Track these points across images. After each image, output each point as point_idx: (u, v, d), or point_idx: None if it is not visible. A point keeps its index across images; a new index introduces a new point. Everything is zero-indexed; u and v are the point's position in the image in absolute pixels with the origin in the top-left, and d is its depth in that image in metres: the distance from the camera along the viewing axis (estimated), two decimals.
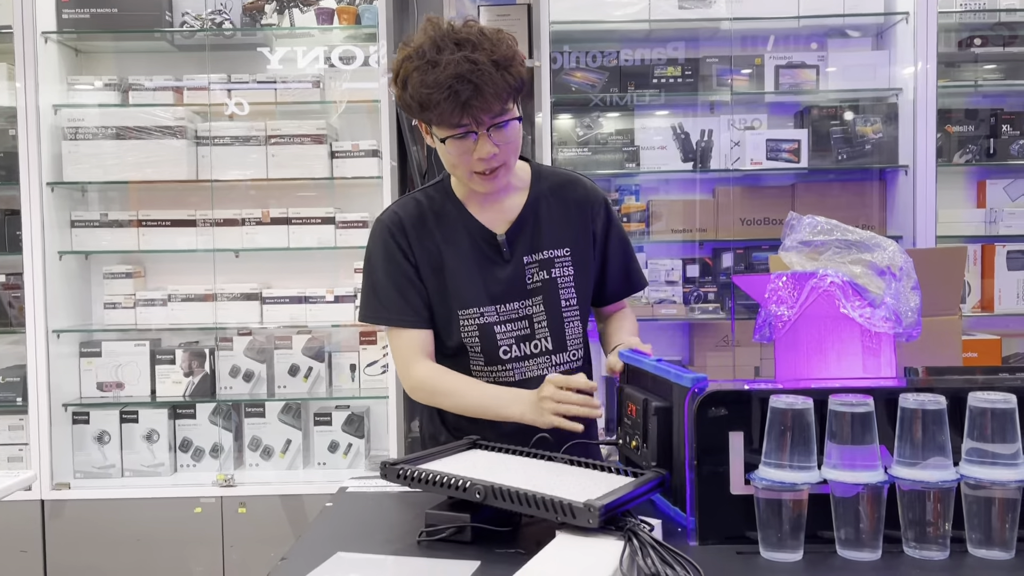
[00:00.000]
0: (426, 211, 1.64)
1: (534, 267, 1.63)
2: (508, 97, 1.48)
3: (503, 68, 1.45)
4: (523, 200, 1.65)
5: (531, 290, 1.63)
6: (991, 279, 3.18)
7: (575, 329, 1.67)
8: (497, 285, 1.62)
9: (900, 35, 3.15)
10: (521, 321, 1.63)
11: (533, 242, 1.64)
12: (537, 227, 1.64)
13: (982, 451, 1.08)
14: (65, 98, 3.18)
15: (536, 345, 1.64)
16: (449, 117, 1.45)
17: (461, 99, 1.42)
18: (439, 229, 1.63)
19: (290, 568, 1.12)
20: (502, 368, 1.63)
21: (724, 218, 3.27)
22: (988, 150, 3.22)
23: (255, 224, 3.19)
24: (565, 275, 1.65)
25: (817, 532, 1.13)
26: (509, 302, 1.62)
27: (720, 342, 3.28)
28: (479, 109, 1.44)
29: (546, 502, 1.10)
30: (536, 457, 1.39)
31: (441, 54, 1.43)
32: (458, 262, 1.62)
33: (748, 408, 1.16)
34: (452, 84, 1.41)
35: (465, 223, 1.63)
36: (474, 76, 1.42)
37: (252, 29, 3.21)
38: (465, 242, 1.62)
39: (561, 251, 1.65)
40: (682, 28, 3.24)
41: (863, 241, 1.40)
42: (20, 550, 3.02)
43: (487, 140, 1.48)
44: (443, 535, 1.20)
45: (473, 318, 1.61)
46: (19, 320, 3.12)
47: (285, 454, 3.22)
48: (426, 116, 1.49)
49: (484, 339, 1.62)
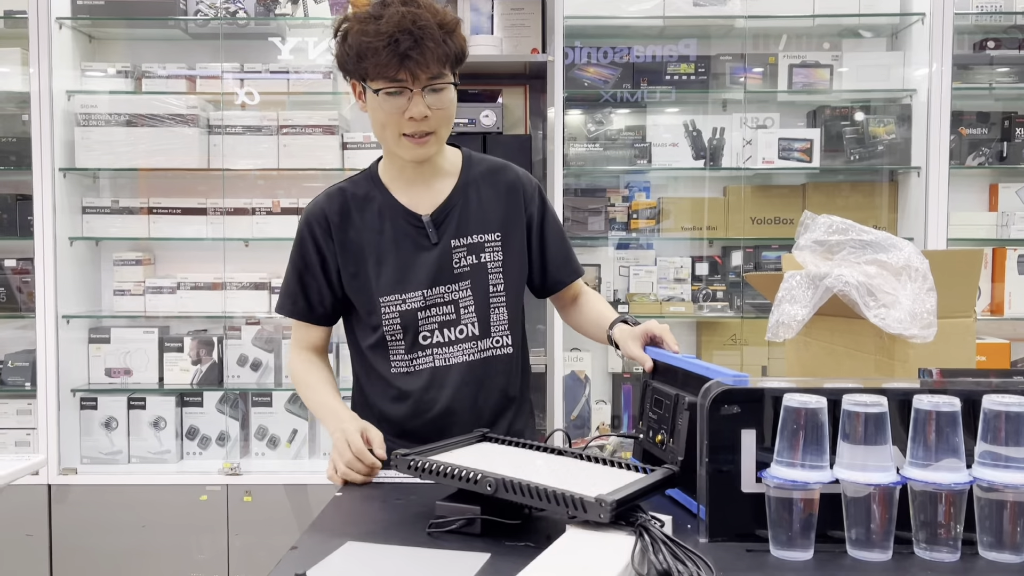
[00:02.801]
0: (350, 199, 1.62)
1: (462, 251, 1.61)
2: (447, 62, 1.48)
3: (446, 31, 1.46)
4: (452, 184, 1.63)
5: (458, 274, 1.60)
6: (1002, 283, 3.17)
7: (501, 315, 1.63)
8: (422, 269, 1.59)
9: (915, 36, 3.14)
10: (447, 306, 1.60)
11: (461, 226, 1.61)
12: (466, 210, 1.62)
13: (995, 454, 1.08)
14: (78, 84, 3.19)
15: (462, 331, 1.61)
16: (386, 68, 1.44)
17: (400, 49, 1.42)
18: (363, 216, 1.61)
19: (300, 557, 1.12)
20: (422, 354, 1.61)
21: (734, 216, 3.26)
22: (1001, 153, 3.20)
23: (265, 214, 3.20)
24: (494, 260, 1.62)
25: (828, 532, 1.12)
26: (435, 287, 1.59)
27: (728, 341, 3.28)
28: (417, 64, 1.43)
29: (557, 496, 1.10)
30: (546, 451, 1.39)
31: (386, 9, 1.44)
32: (381, 248, 1.59)
33: (761, 406, 1.16)
34: (394, 33, 1.42)
35: (390, 208, 1.61)
36: (416, 30, 1.42)
37: (266, 18, 3.21)
38: (389, 227, 1.60)
39: (491, 235, 1.62)
40: (696, 25, 3.23)
41: (878, 241, 1.40)
42: (26, 534, 3.04)
43: (420, 100, 1.47)
44: (453, 527, 1.20)
45: (394, 304, 1.59)
46: (28, 305, 3.13)
47: (291, 444, 3.23)
48: (362, 67, 1.47)
49: (405, 326, 1.59)
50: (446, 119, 1.54)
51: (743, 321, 3.22)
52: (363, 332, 1.65)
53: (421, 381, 1.61)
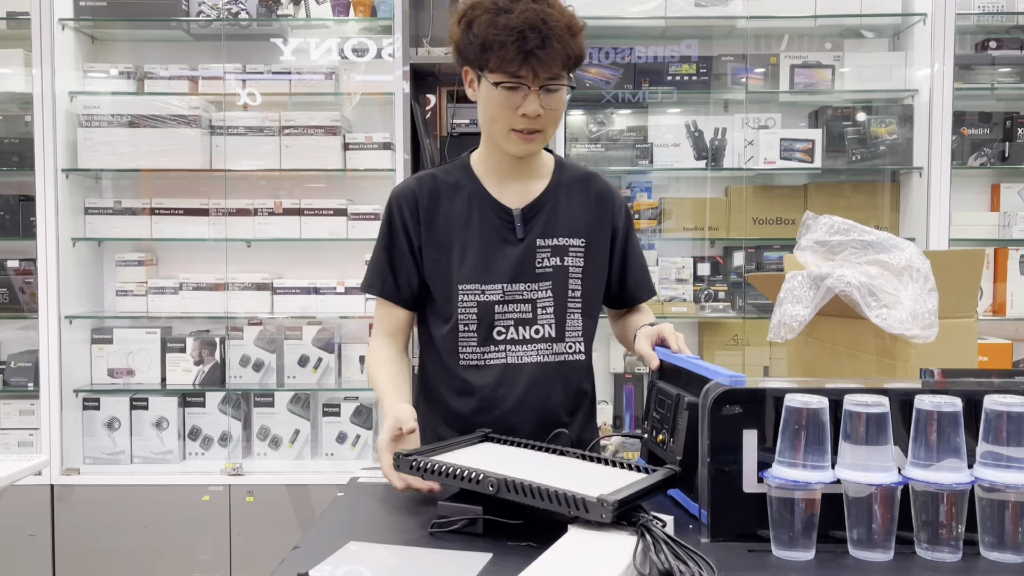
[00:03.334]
0: (441, 185, 1.62)
1: (546, 251, 1.60)
2: (567, 63, 1.47)
3: (572, 32, 1.46)
4: (544, 185, 1.63)
5: (540, 274, 1.59)
6: (1003, 283, 3.17)
7: (576, 321, 1.62)
8: (505, 262, 1.58)
9: (917, 36, 3.13)
10: (524, 304, 1.59)
11: (548, 226, 1.60)
12: (555, 211, 1.62)
13: (997, 454, 1.08)
14: (81, 85, 3.19)
15: (537, 331, 1.60)
16: (509, 63, 1.44)
17: (527, 46, 1.42)
18: (453, 204, 1.60)
19: (303, 557, 1.12)
20: (494, 349, 1.59)
21: (736, 217, 3.26)
22: (1003, 153, 3.20)
23: (267, 214, 3.20)
24: (576, 265, 1.62)
25: (829, 532, 1.13)
26: (515, 283, 1.58)
27: (729, 341, 3.28)
28: (540, 62, 1.43)
29: (559, 496, 1.10)
30: (548, 451, 1.39)
31: (516, 3, 1.45)
32: (467, 237, 1.59)
33: (762, 406, 1.16)
34: (523, 29, 1.42)
35: (480, 198, 1.60)
36: (545, 28, 1.42)
37: (268, 19, 3.22)
38: (477, 217, 1.59)
39: (577, 240, 1.62)
40: (698, 26, 3.23)
41: (880, 242, 1.40)
42: (29, 534, 3.04)
43: (536, 98, 1.47)
44: (455, 527, 1.20)
45: (473, 294, 1.58)
46: (31, 306, 3.14)
47: (293, 444, 3.23)
48: (484, 58, 1.47)
49: (481, 317, 1.58)
50: (555, 119, 1.54)
51: (745, 321, 3.22)
52: (436, 322, 1.63)
53: (491, 377, 1.59)
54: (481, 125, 1.58)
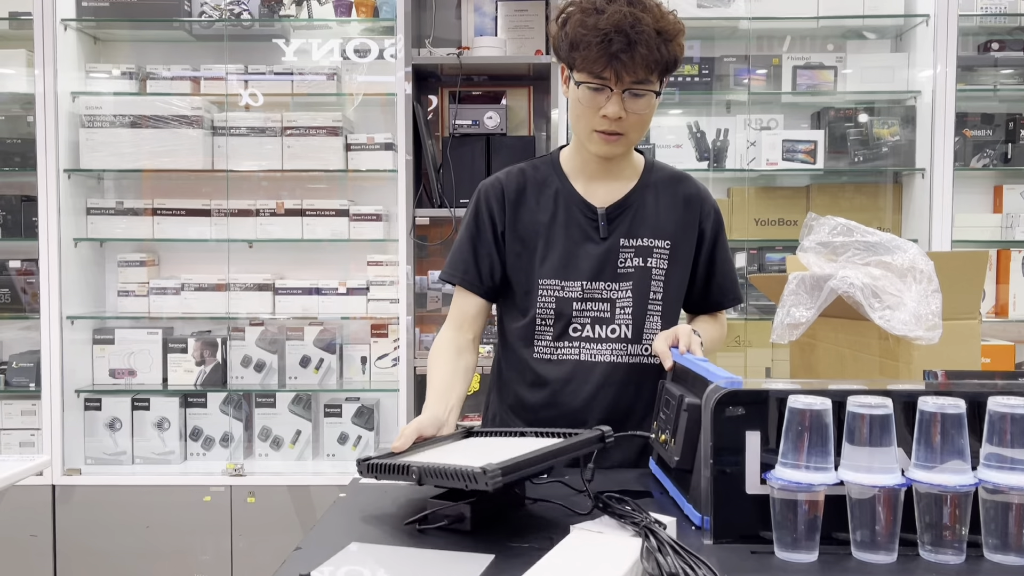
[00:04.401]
0: (529, 180, 1.63)
1: (629, 251, 1.59)
2: (655, 68, 1.46)
3: (663, 38, 1.45)
4: (631, 185, 1.63)
5: (621, 274, 1.59)
6: (1006, 284, 3.16)
7: (655, 324, 1.61)
8: (587, 261, 1.58)
9: (919, 38, 3.13)
10: (603, 303, 1.59)
11: (633, 226, 1.60)
12: (641, 212, 1.61)
13: (1001, 456, 1.07)
14: (83, 86, 3.20)
15: (614, 331, 1.59)
16: (593, 64, 1.44)
17: (611, 49, 1.41)
18: (538, 199, 1.61)
19: (305, 558, 1.12)
20: (568, 345, 1.59)
21: (738, 218, 3.26)
22: (1005, 155, 3.20)
23: (269, 215, 3.20)
24: (659, 267, 1.60)
25: (832, 533, 1.12)
26: (596, 281, 1.58)
27: (732, 342, 3.27)
28: (624, 66, 1.43)
29: (450, 472, 1.11)
30: (517, 435, 1.39)
31: (610, 4, 1.44)
32: (551, 232, 1.59)
33: (765, 408, 1.16)
34: (609, 32, 1.41)
35: (566, 195, 1.61)
36: (632, 32, 1.41)
37: (270, 20, 3.22)
38: (562, 213, 1.60)
39: (662, 242, 1.60)
40: (700, 27, 3.23)
41: (883, 243, 1.40)
42: (30, 534, 3.04)
43: (619, 100, 1.47)
44: (440, 524, 1.21)
45: (553, 290, 1.58)
46: (33, 306, 3.14)
47: (295, 445, 3.23)
48: (572, 57, 1.47)
49: (559, 312, 1.58)
50: (640, 124, 1.53)
51: (747, 323, 3.22)
52: (512, 315, 1.64)
53: (563, 371, 1.59)
54: (570, 122, 1.60)
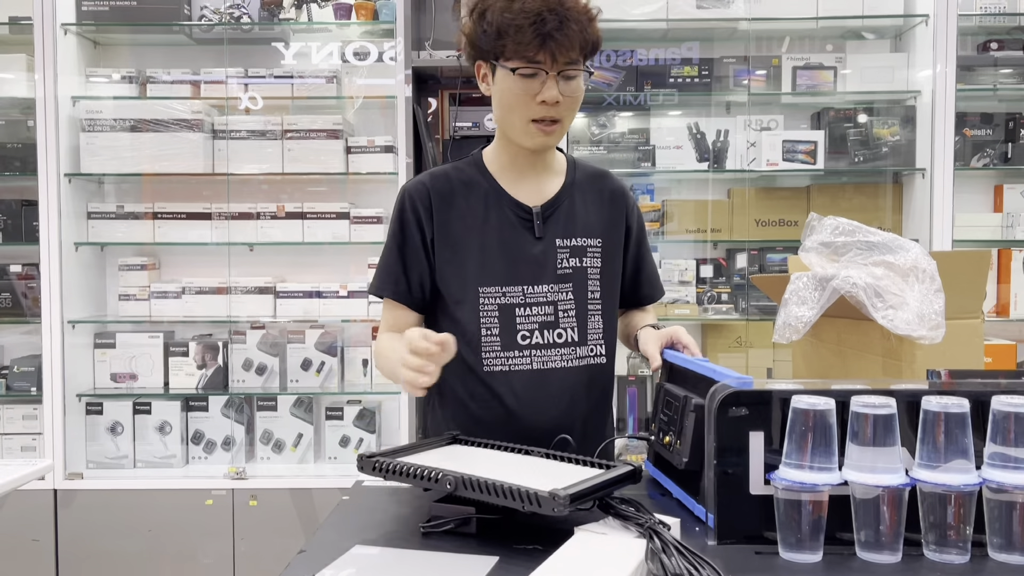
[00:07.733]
0: (455, 182, 1.56)
1: (565, 252, 1.55)
2: (585, 48, 1.45)
3: (588, 18, 1.45)
4: (560, 182, 1.60)
5: (561, 275, 1.54)
6: (1007, 284, 3.16)
7: (597, 323, 1.58)
8: (526, 264, 1.53)
9: (919, 38, 3.13)
10: (547, 307, 1.54)
11: (567, 225, 1.56)
12: (572, 211, 1.57)
13: (1004, 455, 1.07)
14: (83, 90, 3.20)
15: (560, 334, 1.54)
16: (526, 48, 1.41)
17: (545, 29, 1.39)
18: (467, 201, 1.55)
19: (308, 561, 1.12)
20: (519, 354, 1.52)
21: (738, 219, 3.26)
22: (1005, 154, 3.20)
23: (270, 218, 3.20)
24: (594, 266, 1.57)
25: (837, 534, 1.12)
26: (537, 284, 1.53)
27: (733, 343, 3.27)
28: (558, 45, 1.41)
29: (512, 491, 1.10)
30: (514, 451, 1.38)
31: None
32: (484, 237, 1.53)
33: (769, 408, 1.16)
34: (541, 12, 1.40)
35: (496, 196, 1.55)
36: (562, 10, 1.41)
37: (270, 23, 3.22)
38: (494, 216, 1.54)
39: (593, 240, 1.58)
40: (699, 28, 3.23)
41: (885, 243, 1.40)
42: (32, 539, 3.04)
43: (554, 84, 1.44)
44: (447, 527, 1.20)
45: (494, 297, 1.52)
46: (34, 310, 3.14)
47: (296, 448, 3.23)
48: (499, 44, 1.44)
49: (503, 321, 1.52)
50: (573, 108, 1.50)
51: (748, 323, 3.22)
52: (447, 326, 1.51)
53: (519, 384, 1.52)
54: (497, 120, 1.54)
